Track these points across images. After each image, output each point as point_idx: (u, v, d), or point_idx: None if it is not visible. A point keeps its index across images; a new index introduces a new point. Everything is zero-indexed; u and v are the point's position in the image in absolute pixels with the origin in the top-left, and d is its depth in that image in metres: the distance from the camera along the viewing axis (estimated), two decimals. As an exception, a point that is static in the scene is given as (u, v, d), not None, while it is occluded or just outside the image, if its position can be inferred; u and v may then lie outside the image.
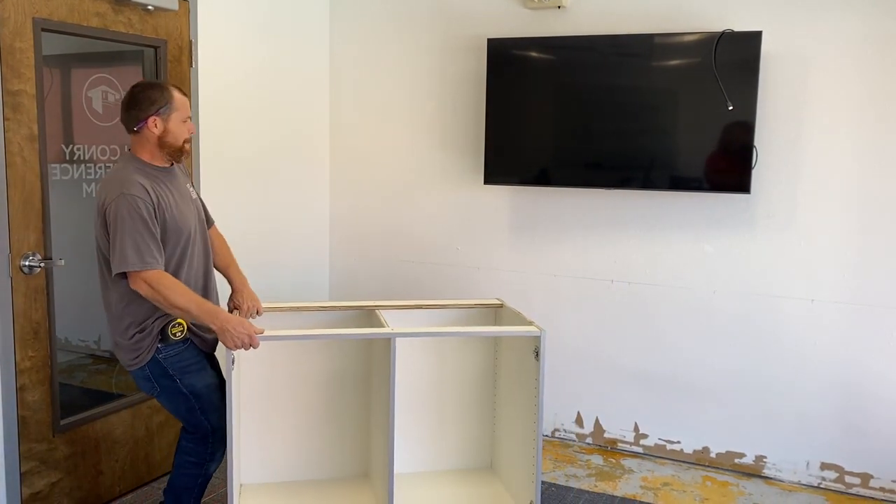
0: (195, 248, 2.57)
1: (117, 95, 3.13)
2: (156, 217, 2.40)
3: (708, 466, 3.70)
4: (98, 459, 3.12)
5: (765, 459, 3.60)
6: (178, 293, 2.36)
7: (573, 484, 3.48)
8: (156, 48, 3.20)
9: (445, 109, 4.05)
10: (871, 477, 3.42)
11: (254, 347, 2.46)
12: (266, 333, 2.53)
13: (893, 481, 3.38)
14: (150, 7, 3.10)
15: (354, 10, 4.21)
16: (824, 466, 3.50)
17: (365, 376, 3.17)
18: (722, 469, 3.68)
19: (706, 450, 3.71)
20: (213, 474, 2.73)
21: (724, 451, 3.67)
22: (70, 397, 3.04)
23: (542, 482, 3.48)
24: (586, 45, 3.55)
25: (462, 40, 3.96)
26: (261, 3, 3.77)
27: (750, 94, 3.27)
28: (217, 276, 2.78)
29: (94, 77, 3.04)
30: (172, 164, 2.58)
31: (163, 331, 2.46)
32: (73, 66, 3.00)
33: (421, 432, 3.28)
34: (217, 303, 2.66)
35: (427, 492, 3.13)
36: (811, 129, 3.35)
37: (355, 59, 4.24)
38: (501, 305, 3.24)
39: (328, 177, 4.38)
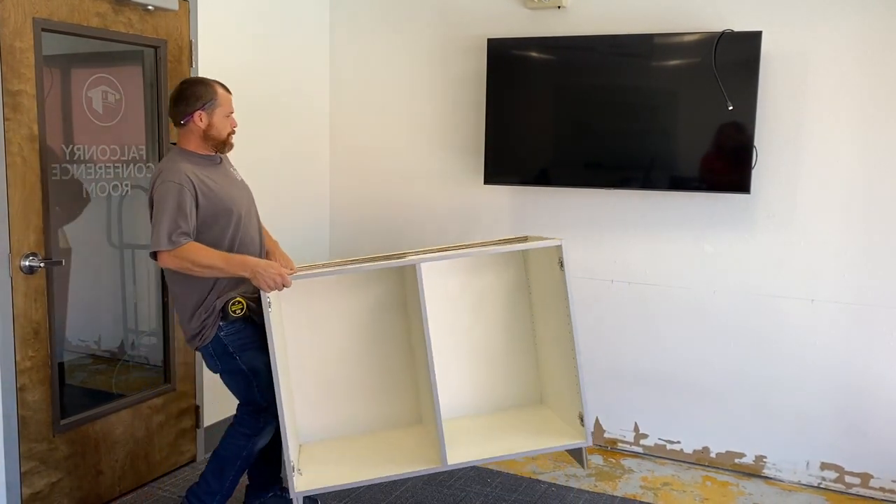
0: (249, 227, 2.73)
1: (117, 95, 3.14)
2: (196, 200, 2.55)
3: (708, 466, 3.70)
4: (98, 459, 3.12)
5: (765, 459, 3.60)
6: (202, 255, 2.50)
7: (573, 484, 3.49)
8: (156, 48, 3.21)
9: (445, 109, 4.05)
10: (871, 477, 3.42)
11: (286, 286, 2.57)
12: (297, 273, 2.65)
13: (893, 481, 3.39)
14: (150, 7, 3.10)
15: (354, 10, 4.21)
16: (824, 466, 3.50)
17: (406, 324, 3.19)
18: (722, 469, 3.68)
19: (706, 450, 3.71)
20: (257, 452, 2.82)
21: (724, 451, 3.68)
22: (70, 397, 3.04)
23: (542, 482, 3.49)
24: (586, 46, 3.55)
25: (462, 40, 3.96)
26: (261, 3, 3.77)
27: (750, 94, 3.27)
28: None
29: (94, 77, 3.04)
30: (217, 153, 2.73)
31: (223, 309, 2.61)
32: (73, 66, 3.00)
33: (468, 375, 3.29)
34: None
35: (479, 428, 3.15)
36: (811, 129, 3.35)
37: (355, 59, 4.24)
38: (526, 238, 3.18)
39: (328, 177, 4.38)
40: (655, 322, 3.72)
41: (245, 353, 2.68)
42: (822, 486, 3.51)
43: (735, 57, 3.29)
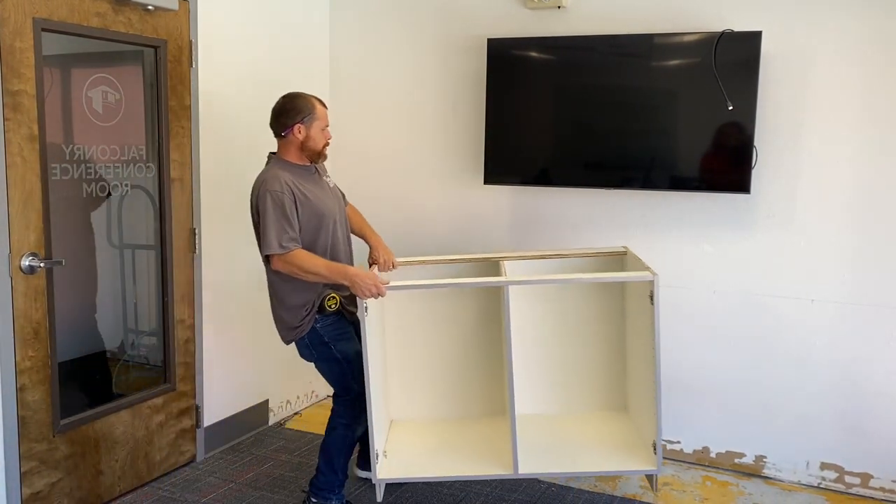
0: (338, 229, 2.97)
1: (117, 95, 3.14)
2: (296, 206, 2.78)
3: (708, 466, 3.70)
4: (98, 459, 3.12)
5: (765, 459, 3.60)
6: (309, 262, 2.75)
7: (573, 484, 3.49)
8: (156, 48, 3.21)
9: (446, 109, 4.05)
10: (871, 477, 3.42)
11: (381, 296, 2.76)
12: (392, 284, 2.83)
13: (893, 481, 3.38)
14: (150, 7, 3.10)
15: (354, 10, 4.21)
16: (824, 466, 3.50)
17: (499, 321, 3.31)
18: (722, 469, 3.68)
19: (706, 450, 3.71)
20: (359, 438, 3.10)
21: (724, 451, 3.67)
22: (70, 397, 3.03)
23: (542, 482, 3.49)
24: (586, 46, 3.55)
25: (462, 40, 3.96)
26: (261, 3, 3.77)
27: (750, 94, 3.27)
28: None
29: (94, 77, 3.04)
30: (312, 164, 2.95)
31: (320, 304, 2.86)
32: (73, 66, 3.00)
33: (554, 375, 3.44)
34: None
35: (557, 432, 3.28)
36: (811, 128, 3.35)
37: (355, 60, 4.24)
38: (625, 253, 3.27)
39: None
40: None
41: (338, 343, 2.94)
42: (822, 486, 3.51)
43: (735, 57, 3.29)
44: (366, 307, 2.79)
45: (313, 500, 3.07)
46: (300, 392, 4.34)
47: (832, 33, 3.27)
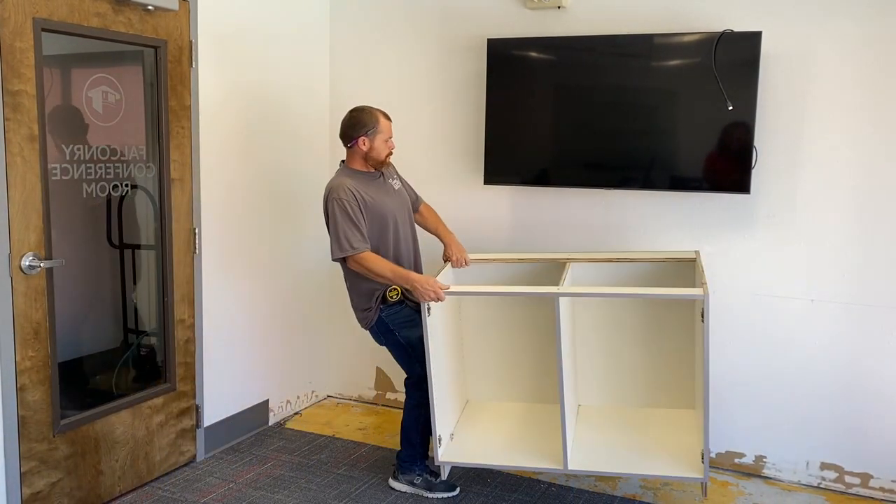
0: (401, 227, 3.25)
1: (117, 95, 3.14)
2: (361, 211, 3.07)
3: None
4: (98, 459, 3.12)
5: (765, 459, 3.60)
6: (376, 265, 3.05)
7: (573, 484, 3.49)
8: (156, 48, 3.20)
9: (445, 109, 4.05)
10: (871, 477, 3.42)
11: (440, 300, 3.03)
12: (451, 289, 3.09)
13: (893, 481, 3.38)
14: (150, 7, 3.10)
15: (354, 9, 4.21)
16: (824, 466, 3.50)
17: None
18: (722, 469, 3.68)
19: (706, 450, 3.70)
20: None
21: (724, 451, 3.67)
22: (70, 397, 3.04)
23: (542, 482, 3.49)
24: (586, 46, 3.55)
25: (462, 40, 3.96)
26: (261, 4, 3.77)
27: (750, 94, 3.27)
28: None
29: (94, 77, 3.04)
30: (376, 170, 3.22)
31: (384, 296, 3.15)
32: (73, 66, 3.00)
33: (622, 370, 3.62)
34: (420, 270, 3.36)
35: (616, 427, 3.45)
36: (811, 128, 3.35)
37: (355, 60, 4.24)
38: (695, 259, 3.31)
39: (329, 177, 4.37)
40: (655, 322, 3.71)
41: (402, 330, 3.22)
42: (821, 486, 3.51)
43: (735, 57, 3.29)
44: (428, 309, 3.04)
45: (400, 473, 3.40)
46: (300, 392, 4.34)
47: (832, 33, 3.27)
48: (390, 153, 3.23)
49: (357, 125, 3.16)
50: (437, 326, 3.24)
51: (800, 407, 3.50)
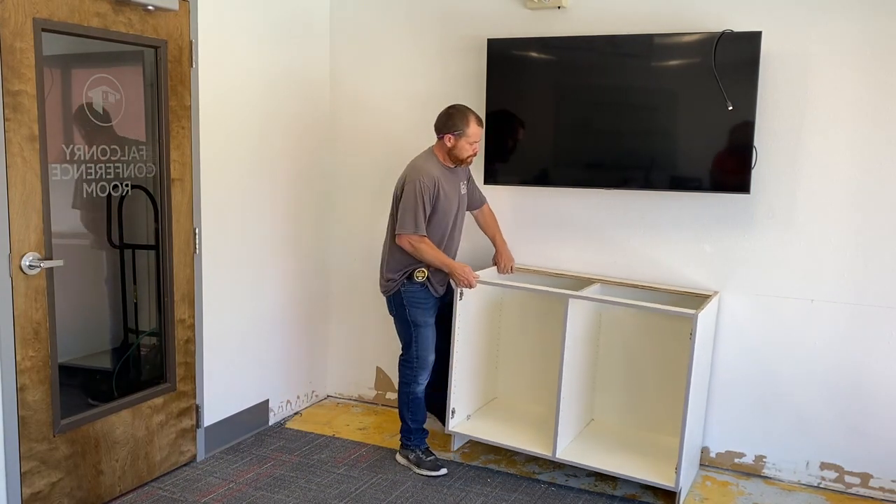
0: (456, 226, 3.56)
1: (118, 95, 3.14)
2: (432, 199, 3.38)
3: (708, 466, 3.70)
4: (98, 459, 3.12)
5: (765, 459, 3.60)
6: (426, 250, 3.39)
7: (573, 484, 3.49)
8: (156, 48, 3.20)
9: (445, 109, 4.04)
10: (871, 477, 3.42)
11: (471, 287, 3.49)
12: (481, 279, 3.56)
13: (893, 481, 3.39)
14: (150, 7, 3.10)
15: (355, 9, 4.21)
16: (824, 466, 3.50)
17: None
18: (722, 469, 3.68)
19: (706, 450, 3.71)
20: (422, 397, 3.63)
21: (724, 451, 3.68)
22: (70, 397, 3.04)
23: (542, 482, 3.49)
24: (586, 46, 3.55)
25: (462, 40, 3.96)
26: (261, 3, 3.77)
27: (750, 94, 3.27)
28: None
29: (94, 77, 3.04)
30: (456, 166, 3.49)
31: (411, 273, 3.46)
32: (73, 66, 3.00)
33: (640, 395, 3.78)
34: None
35: (619, 436, 3.71)
36: (811, 128, 3.35)
37: (355, 59, 4.24)
38: (710, 296, 3.46)
39: (329, 177, 4.38)
40: (655, 322, 3.72)
41: (413, 309, 3.50)
42: (821, 485, 3.51)
43: (735, 57, 3.29)
44: (461, 293, 3.57)
45: (401, 447, 3.70)
46: (300, 392, 4.34)
47: (832, 34, 3.27)
48: (473, 155, 3.46)
49: (449, 123, 3.41)
50: (470, 314, 3.66)
51: (800, 407, 3.50)
